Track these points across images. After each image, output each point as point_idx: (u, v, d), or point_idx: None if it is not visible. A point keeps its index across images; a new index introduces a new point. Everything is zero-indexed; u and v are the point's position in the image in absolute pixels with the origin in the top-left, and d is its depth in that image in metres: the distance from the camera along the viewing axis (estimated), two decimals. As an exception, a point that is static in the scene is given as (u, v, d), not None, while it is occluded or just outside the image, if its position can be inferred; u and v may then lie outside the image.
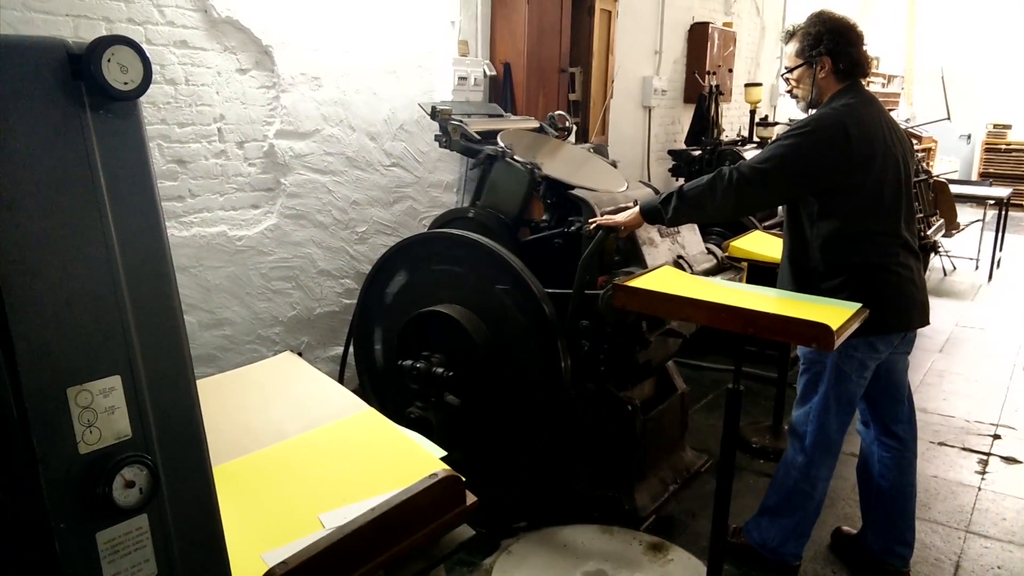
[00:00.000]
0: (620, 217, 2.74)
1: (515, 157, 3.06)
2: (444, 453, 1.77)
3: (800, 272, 2.56)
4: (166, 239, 0.89)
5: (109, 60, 0.84)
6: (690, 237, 3.24)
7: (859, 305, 2.30)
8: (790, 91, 2.67)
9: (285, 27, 3.25)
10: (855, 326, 2.21)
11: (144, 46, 2.59)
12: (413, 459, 1.72)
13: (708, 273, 3.11)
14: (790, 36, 2.62)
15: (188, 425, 0.91)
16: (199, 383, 2.03)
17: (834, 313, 2.16)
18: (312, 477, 1.65)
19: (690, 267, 3.04)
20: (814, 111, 2.55)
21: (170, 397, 0.89)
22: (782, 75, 2.73)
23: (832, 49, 2.48)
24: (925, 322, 2.59)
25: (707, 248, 3.33)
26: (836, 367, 2.53)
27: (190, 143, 2.99)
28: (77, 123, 0.84)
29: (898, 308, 2.49)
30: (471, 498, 1.62)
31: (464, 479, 1.61)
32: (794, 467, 2.67)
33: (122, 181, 0.86)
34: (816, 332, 1.99)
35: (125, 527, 0.87)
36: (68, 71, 0.83)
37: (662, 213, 2.59)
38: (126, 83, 0.85)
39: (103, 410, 0.84)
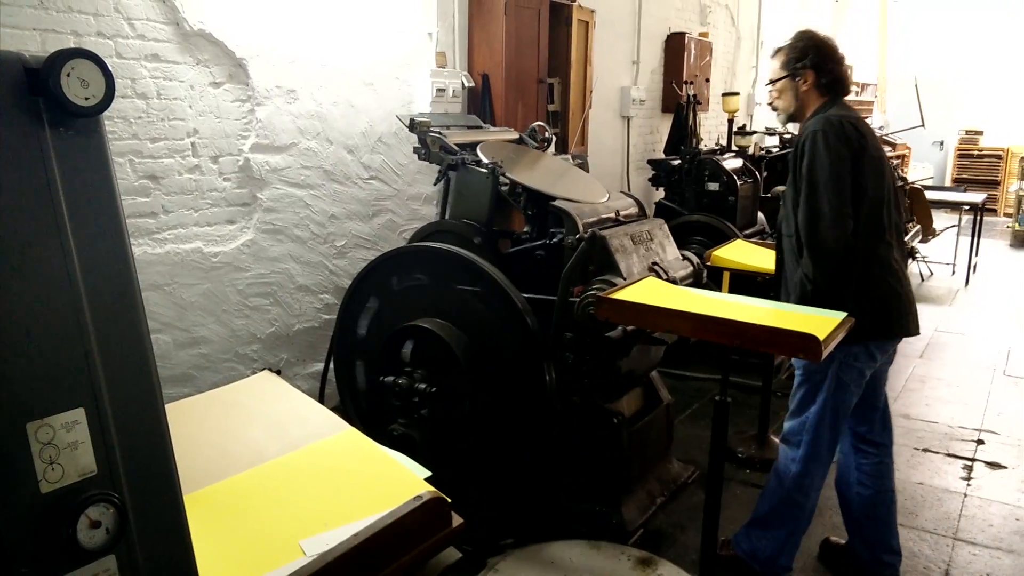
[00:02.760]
0: None
1: (474, 161, 3.03)
2: (428, 473, 1.73)
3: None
4: (132, 262, 0.84)
5: (68, 74, 0.79)
6: (665, 243, 3.20)
7: (844, 314, 2.29)
8: (771, 103, 2.74)
9: (259, 39, 3.20)
10: (841, 335, 2.20)
11: (114, 60, 2.55)
12: (397, 480, 1.68)
13: (685, 279, 3.07)
14: (777, 51, 2.70)
15: (158, 458, 0.86)
16: (174, 405, 1.98)
17: (820, 323, 2.14)
18: (292, 502, 1.60)
19: (666, 273, 3.00)
20: (798, 124, 2.62)
21: (138, 429, 0.84)
22: (766, 85, 2.76)
23: (816, 63, 2.56)
24: (919, 329, 2.61)
25: (683, 255, 3.29)
26: (836, 377, 2.52)
27: (163, 158, 2.93)
28: (35, 141, 0.79)
29: (901, 314, 2.52)
30: (457, 520, 1.58)
31: (449, 500, 1.56)
32: (787, 477, 2.64)
33: (84, 201, 0.81)
34: (803, 342, 1.97)
35: (92, 569, 0.81)
36: (25, 86, 0.79)
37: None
38: (87, 98, 0.81)
39: (66, 446, 0.78)
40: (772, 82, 2.69)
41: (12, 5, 2.42)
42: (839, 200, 2.35)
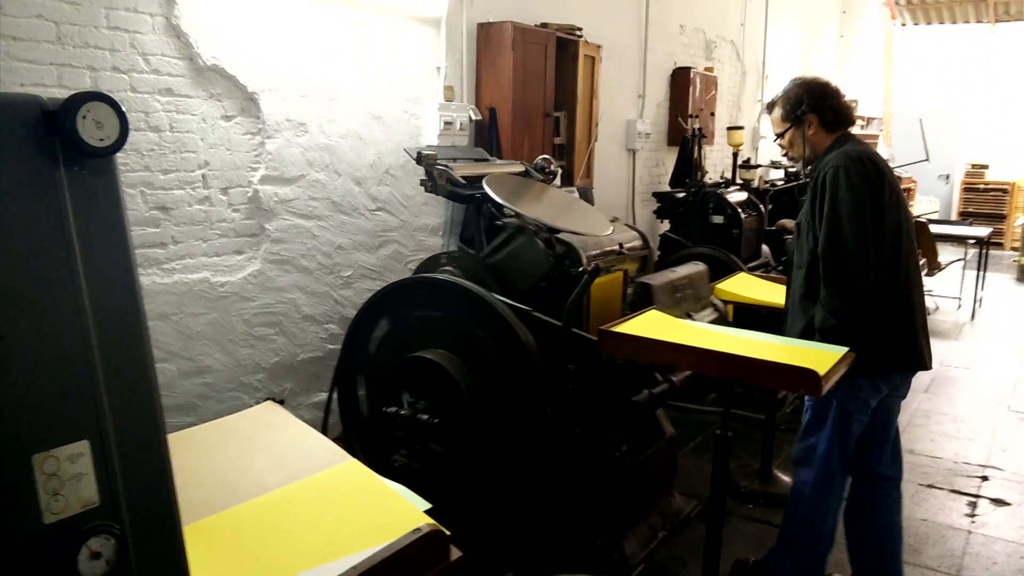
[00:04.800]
0: None
1: (544, 237, 2.98)
2: (428, 506, 1.73)
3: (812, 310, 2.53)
4: (140, 299, 0.87)
5: (84, 116, 0.83)
6: (701, 289, 3.21)
7: (845, 349, 2.30)
8: (785, 154, 2.79)
9: (271, 74, 3.27)
10: (843, 370, 2.20)
11: (129, 94, 2.61)
12: (396, 512, 1.68)
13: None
14: (771, 106, 2.75)
15: (160, 490, 0.88)
16: (176, 435, 1.99)
17: (821, 357, 2.15)
18: (292, 533, 1.61)
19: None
20: (812, 165, 2.66)
21: (141, 461, 0.86)
22: (774, 141, 2.81)
23: (814, 105, 2.61)
24: (929, 364, 2.63)
25: (712, 303, 3.30)
26: (841, 406, 2.54)
27: (174, 189, 2.98)
28: (50, 180, 0.82)
29: (908, 348, 2.54)
30: (456, 553, 1.58)
31: (449, 533, 1.57)
32: (803, 500, 2.66)
33: (96, 239, 0.84)
34: (803, 378, 1.98)
35: (91, 600, 0.82)
36: (42, 127, 0.82)
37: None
38: (102, 139, 0.84)
39: (70, 477, 0.80)
40: (779, 135, 2.73)
41: (30, 40, 2.49)
42: (862, 234, 2.37)
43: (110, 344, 0.84)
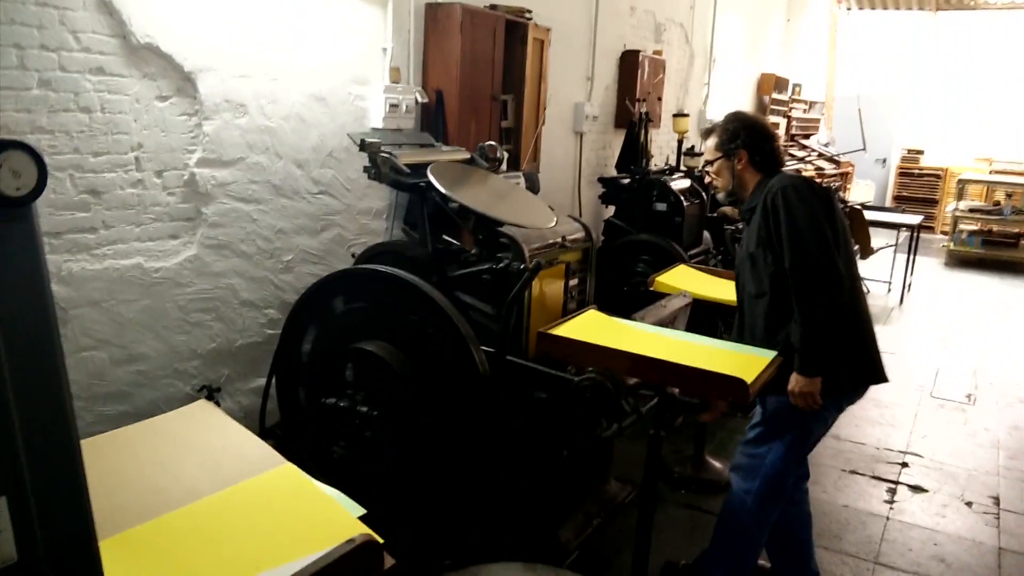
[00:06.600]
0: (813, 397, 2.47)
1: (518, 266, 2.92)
2: (362, 511, 1.76)
3: (781, 334, 2.53)
4: (60, 350, 0.85)
5: (1, 165, 0.80)
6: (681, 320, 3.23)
7: (774, 353, 2.37)
8: (711, 182, 2.86)
9: (209, 53, 3.17)
10: (770, 374, 2.28)
11: (58, 73, 2.50)
12: (331, 520, 1.70)
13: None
14: (709, 132, 2.83)
15: (81, 544, 0.87)
16: (105, 436, 1.96)
17: (750, 363, 2.22)
18: (224, 542, 1.61)
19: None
20: (733, 197, 2.80)
21: (62, 515, 0.85)
22: (702, 168, 2.89)
23: (748, 143, 2.69)
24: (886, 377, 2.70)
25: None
26: (806, 425, 2.57)
27: (105, 172, 2.88)
28: (-37, 230, 0.80)
29: (876, 359, 2.63)
30: (389, 561, 1.61)
31: (382, 541, 1.59)
32: (744, 511, 2.66)
33: (12, 290, 0.82)
34: (731, 385, 2.05)
35: (10, 654, 0.82)
36: (-46, 175, 0.79)
37: (813, 361, 2.43)
38: (18, 188, 0.82)
39: (-14, 535, 0.79)
40: (709, 163, 2.82)
41: (-51, 17, 2.36)
42: (824, 242, 2.40)
43: (28, 397, 0.82)
